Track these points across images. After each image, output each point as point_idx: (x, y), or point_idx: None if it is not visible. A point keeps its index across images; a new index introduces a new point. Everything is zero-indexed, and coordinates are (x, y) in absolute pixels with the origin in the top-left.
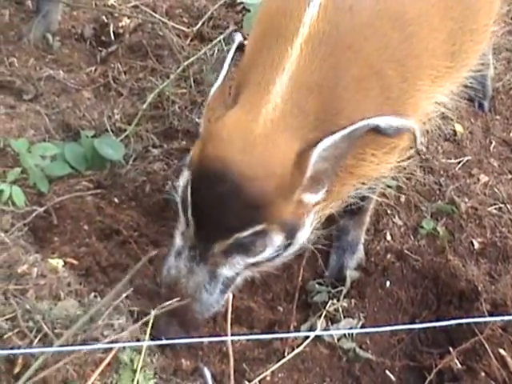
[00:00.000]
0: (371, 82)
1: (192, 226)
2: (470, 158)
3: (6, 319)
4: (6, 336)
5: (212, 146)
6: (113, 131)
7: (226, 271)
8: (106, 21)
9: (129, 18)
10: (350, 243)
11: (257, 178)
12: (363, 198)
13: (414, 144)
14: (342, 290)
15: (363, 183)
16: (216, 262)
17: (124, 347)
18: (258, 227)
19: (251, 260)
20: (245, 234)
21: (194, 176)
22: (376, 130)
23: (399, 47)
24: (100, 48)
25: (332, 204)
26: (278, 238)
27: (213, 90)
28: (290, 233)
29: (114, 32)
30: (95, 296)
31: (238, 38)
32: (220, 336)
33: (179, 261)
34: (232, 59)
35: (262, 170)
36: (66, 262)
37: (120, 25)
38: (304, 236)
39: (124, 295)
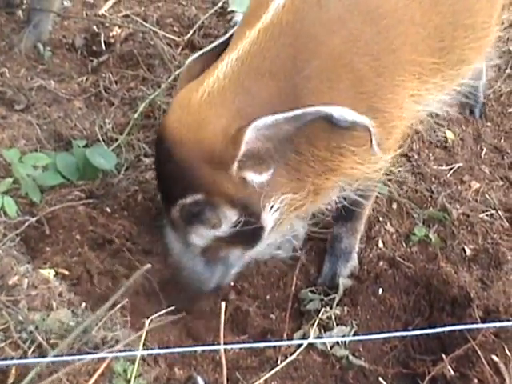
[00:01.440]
0: (338, 74)
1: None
2: (461, 164)
3: None
4: None
5: (166, 113)
6: (104, 141)
7: (195, 240)
8: (96, 30)
9: (120, 27)
10: (344, 251)
11: (186, 144)
12: (354, 203)
13: (370, 144)
14: (334, 298)
15: (348, 183)
16: (183, 229)
17: (117, 357)
18: (197, 196)
19: (214, 232)
20: (187, 201)
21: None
22: (327, 120)
23: (372, 41)
24: (91, 58)
25: (310, 199)
26: (230, 213)
27: (187, 62)
28: (246, 211)
29: (104, 42)
30: (86, 307)
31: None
32: (213, 345)
33: (166, 228)
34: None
35: (191, 137)
36: (57, 272)
37: (111, 34)
38: (271, 220)
39: (119, 305)
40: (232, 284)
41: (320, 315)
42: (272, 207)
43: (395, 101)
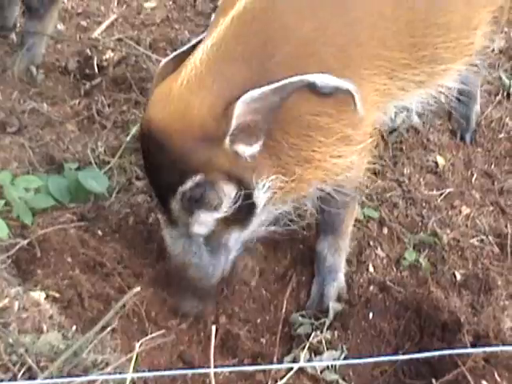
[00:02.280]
0: (307, 61)
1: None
2: (451, 189)
3: None
4: None
5: (146, 109)
6: (96, 164)
7: (197, 229)
8: (89, 54)
9: (113, 50)
10: (329, 269)
11: (175, 132)
12: (333, 211)
13: (354, 108)
14: (325, 322)
15: (328, 179)
16: (184, 222)
17: (108, 380)
18: (196, 178)
19: (217, 215)
20: (187, 186)
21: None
22: (311, 87)
23: (340, 32)
24: (84, 81)
25: (294, 185)
26: (229, 188)
27: (162, 62)
28: (241, 184)
29: (97, 65)
30: (76, 330)
31: None
32: (203, 368)
33: (164, 230)
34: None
35: (179, 124)
36: (48, 295)
37: (104, 58)
38: (263, 198)
39: (109, 328)
40: (222, 308)
41: (310, 339)
42: (264, 185)
43: (360, 94)
